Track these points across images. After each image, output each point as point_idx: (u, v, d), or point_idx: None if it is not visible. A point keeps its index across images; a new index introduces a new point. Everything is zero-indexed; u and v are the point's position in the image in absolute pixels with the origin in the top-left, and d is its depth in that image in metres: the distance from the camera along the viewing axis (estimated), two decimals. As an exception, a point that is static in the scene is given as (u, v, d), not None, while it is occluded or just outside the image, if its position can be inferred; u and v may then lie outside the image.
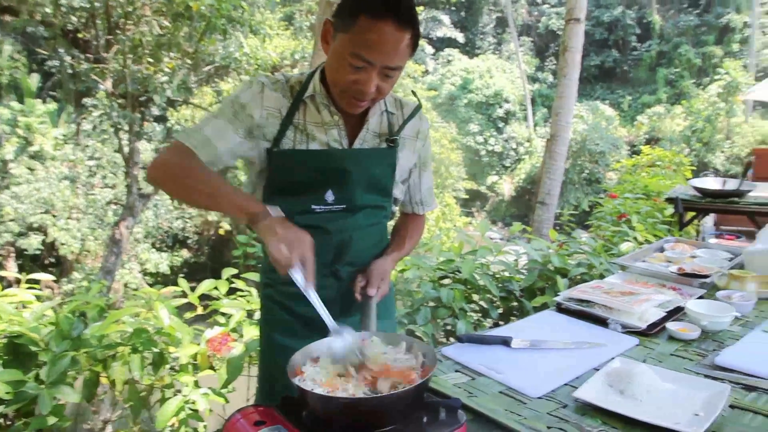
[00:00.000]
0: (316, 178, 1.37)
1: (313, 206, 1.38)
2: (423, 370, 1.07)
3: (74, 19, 7.97)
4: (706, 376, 1.30)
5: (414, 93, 1.60)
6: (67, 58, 8.51)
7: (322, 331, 1.17)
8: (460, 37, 26.58)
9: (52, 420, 1.81)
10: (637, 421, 1.08)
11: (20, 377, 1.74)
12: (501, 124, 22.97)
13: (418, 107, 1.51)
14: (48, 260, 12.64)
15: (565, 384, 1.28)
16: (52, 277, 2.83)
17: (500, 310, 2.72)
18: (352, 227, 1.43)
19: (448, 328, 2.59)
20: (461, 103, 22.69)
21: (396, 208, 1.63)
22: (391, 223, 1.66)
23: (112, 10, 7.67)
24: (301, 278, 1.14)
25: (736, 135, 19.37)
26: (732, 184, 3.67)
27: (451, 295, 2.48)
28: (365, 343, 1.14)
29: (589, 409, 1.16)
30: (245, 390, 2.38)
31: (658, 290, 1.90)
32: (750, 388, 1.24)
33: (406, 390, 0.97)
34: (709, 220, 5.16)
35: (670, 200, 3.85)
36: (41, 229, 12.06)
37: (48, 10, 7.85)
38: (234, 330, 2.30)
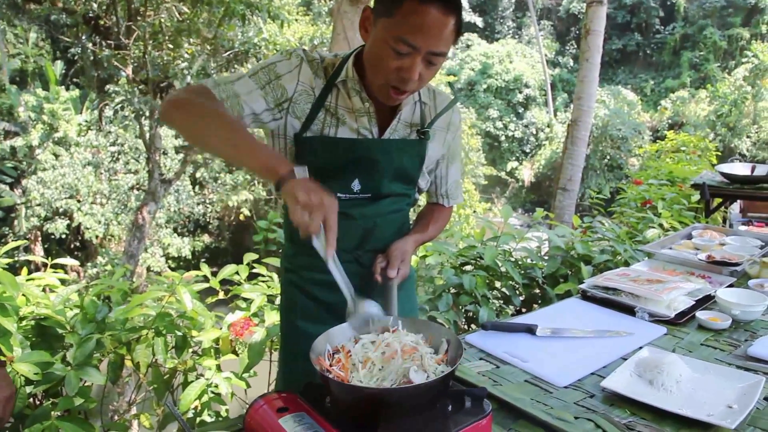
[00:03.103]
0: (343, 167, 1.35)
1: (339, 194, 1.36)
2: (449, 358, 1.06)
3: (95, 5, 8.01)
4: (739, 367, 1.27)
5: (451, 86, 1.57)
6: (90, 45, 8.58)
7: (344, 317, 1.15)
8: (479, 22, 26.26)
9: (78, 401, 1.83)
10: (668, 412, 1.06)
11: (48, 359, 1.76)
12: (521, 110, 22.70)
13: (454, 101, 1.49)
14: (73, 244, 12.91)
15: (592, 373, 1.27)
16: (77, 262, 2.87)
17: (522, 297, 2.69)
18: (377, 214, 1.42)
19: (470, 314, 2.58)
20: (481, 88, 22.44)
21: (419, 197, 1.61)
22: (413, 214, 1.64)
23: (132, -4, 7.70)
24: (321, 246, 1.06)
25: (764, 119, 18.86)
26: (762, 170, 3.58)
27: (474, 281, 2.45)
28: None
29: (617, 400, 1.14)
30: (267, 375, 2.40)
31: (687, 278, 1.85)
32: (785, 380, 1.20)
33: (432, 381, 0.95)
34: (736, 207, 5.04)
35: (696, 186, 3.77)
36: (66, 214, 12.31)
37: (70, -3, 7.92)
38: (255, 315, 2.31)
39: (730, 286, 1.81)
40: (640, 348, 1.35)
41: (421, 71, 1.21)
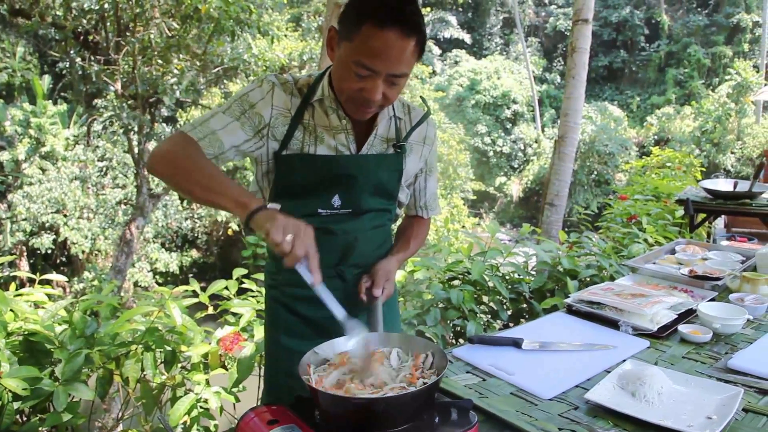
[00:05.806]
0: (322, 183, 1.37)
1: (320, 210, 1.39)
2: (434, 368, 1.08)
3: (84, 21, 8.01)
4: (719, 379, 1.29)
5: (423, 99, 1.60)
6: (78, 60, 8.57)
7: (327, 333, 1.17)
8: (467, 38, 26.55)
9: (66, 417, 1.83)
10: (649, 423, 1.08)
11: (36, 374, 1.76)
12: (509, 125, 22.92)
13: (426, 114, 1.51)
14: (59, 259, 12.76)
15: (576, 386, 1.29)
16: (64, 278, 2.86)
17: (510, 312, 2.72)
18: (357, 229, 1.43)
19: (458, 329, 2.60)
20: (469, 104, 22.65)
21: (400, 211, 1.63)
22: (395, 225, 1.67)
23: (122, 12, 7.71)
24: (308, 273, 1.11)
25: (747, 136, 19.20)
26: (744, 186, 3.64)
27: (461, 296, 2.48)
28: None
29: (600, 411, 1.16)
30: (255, 389, 2.40)
31: (669, 292, 1.89)
32: (763, 392, 1.24)
33: (418, 390, 0.98)
34: (720, 222, 5.12)
35: (680, 202, 3.83)
36: (53, 229, 12.18)
37: (59, 12, 7.91)
38: (244, 330, 2.31)
39: (712, 300, 1.84)
40: (624, 361, 1.38)
41: (384, 91, 1.23)
